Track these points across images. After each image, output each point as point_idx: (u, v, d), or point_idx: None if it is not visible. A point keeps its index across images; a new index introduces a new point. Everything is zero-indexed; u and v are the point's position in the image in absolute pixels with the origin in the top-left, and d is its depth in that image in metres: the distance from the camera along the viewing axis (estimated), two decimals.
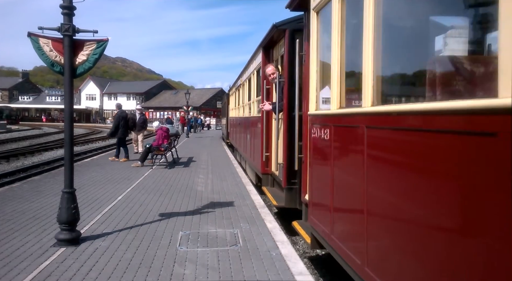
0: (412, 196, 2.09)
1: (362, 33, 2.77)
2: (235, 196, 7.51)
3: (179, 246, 4.56)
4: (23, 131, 42.15)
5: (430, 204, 1.91)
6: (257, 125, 8.50)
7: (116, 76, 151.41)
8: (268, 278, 3.66)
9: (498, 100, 1.42)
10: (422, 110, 1.99)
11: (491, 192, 1.47)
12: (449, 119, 1.77)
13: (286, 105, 6.31)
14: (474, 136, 1.57)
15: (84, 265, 3.95)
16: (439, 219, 1.84)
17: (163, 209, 6.39)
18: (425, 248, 1.95)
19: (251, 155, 9.71)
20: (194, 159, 14.13)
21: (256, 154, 8.65)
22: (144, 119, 15.07)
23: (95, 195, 7.39)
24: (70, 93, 4.63)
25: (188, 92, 35.30)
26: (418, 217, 2.04)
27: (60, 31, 4.43)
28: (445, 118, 1.80)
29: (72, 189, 4.64)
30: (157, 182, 9.01)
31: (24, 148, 21.23)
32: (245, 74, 12.15)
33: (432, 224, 1.91)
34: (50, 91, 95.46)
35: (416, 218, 2.07)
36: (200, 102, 69.46)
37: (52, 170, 12.57)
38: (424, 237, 1.98)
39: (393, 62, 2.91)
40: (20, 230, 5.15)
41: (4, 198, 7.10)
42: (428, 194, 1.93)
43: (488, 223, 1.50)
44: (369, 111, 2.70)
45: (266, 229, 5.27)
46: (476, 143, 1.56)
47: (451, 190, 1.74)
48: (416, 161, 2.07)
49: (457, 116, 1.70)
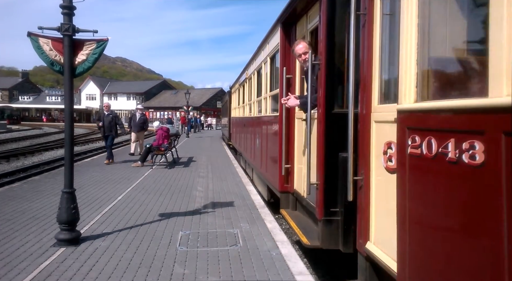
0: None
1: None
2: (235, 196, 7.51)
3: (179, 246, 4.56)
4: (23, 131, 42.17)
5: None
6: (273, 127, 6.62)
7: (116, 76, 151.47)
8: (268, 278, 3.66)
9: None
10: None
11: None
12: None
13: (323, 98, 4.17)
14: None
15: (84, 265, 3.95)
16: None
17: (163, 209, 6.39)
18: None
19: (263, 165, 7.84)
20: (194, 159, 14.13)
21: (271, 165, 6.85)
22: (144, 120, 14.52)
23: (95, 195, 7.39)
24: (70, 93, 4.62)
25: (188, 92, 35.27)
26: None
27: (60, 31, 4.44)
28: None
29: (72, 189, 4.64)
30: (157, 182, 9.01)
31: (24, 148, 21.24)
32: (252, 65, 10.21)
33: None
34: (50, 91, 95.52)
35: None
36: (200, 102, 69.44)
37: (52, 170, 12.56)
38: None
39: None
40: (20, 230, 5.15)
41: (4, 198, 7.10)
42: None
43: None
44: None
45: (266, 229, 5.27)
46: None
47: None
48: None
49: None
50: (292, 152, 5.79)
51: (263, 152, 7.81)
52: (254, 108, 9.87)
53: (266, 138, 7.41)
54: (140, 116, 14.31)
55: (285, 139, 5.83)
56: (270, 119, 7.14)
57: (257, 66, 9.11)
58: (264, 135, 7.68)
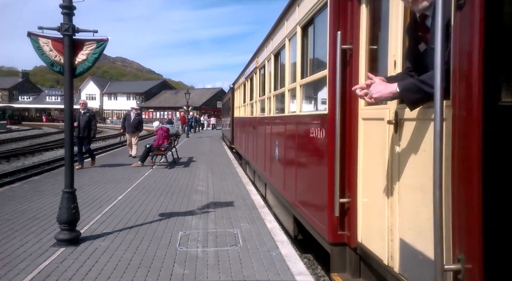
0: None
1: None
2: (235, 196, 7.51)
3: (179, 246, 4.56)
4: (23, 131, 42.14)
5: None
6: (312, 133, 4.28)
7: (116, 76, 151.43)
8: (268, 278, 3.66)
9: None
10: None
11: None
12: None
13: (479, 76, 1.76)
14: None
15: (84, 265, 3.95)
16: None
17: (163, 209, 6.39)
18: None
19: (288, 187, 5.43)
20: (194, 159, 14.12)
21: (308, 192, 4.51)
22: (139, 120, 13.66)
23: (95, 195, 7.38)
24: (70, 93, 4.62)
25: (188, 92, 35.30)
26: None
27: (60, 31, 4.44)
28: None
29: (72, 189, 4.64)
30: (157, 182, 9.01)
31: (24, 148, 21.22)
32: (266, 49, 7.76)
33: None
34: (50, 91, 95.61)
35: None
36: (200, 102, 69.42)
37: (52, 170, 12.56)
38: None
39: None
40: (20, 230, 5.15)
41: (4, 198, 7.10)
42: None
43: None
44: None
45: (266, 229, 5.27)
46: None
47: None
48: None
49: None
50: (354, 177, 3.48)
51: (289, 168, 5.40)
52: (269, 106, 7.24)
53: (296, 148, 4.99)
54: (135, 116, 13.51)
55: (339, 155, 3.48)
56: (305, 120, 4.69)
57: (274, 47, 6.69)
58: (291, 144, 5.26)
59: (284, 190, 5.69)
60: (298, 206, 4.87)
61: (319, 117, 4.04)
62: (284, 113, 5.82)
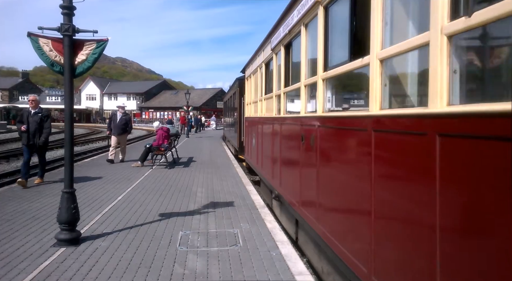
0: None
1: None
2: (235, 196, 7.51)
3: (179, 246, 4.56)
4: None
5: None
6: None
7: (116, 76, 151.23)
8: (268, 278, 3.66)
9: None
10: None
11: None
12: None
13: None
14: None
15: (84, 265, 3.95)
16: None
17: (163, 209, 6.39)
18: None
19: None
20: (194, 159, 14.13)
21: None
22: (126, 120, 12.31)
23: (95, 195, 7.39)
24: (70, 93, 4.63)
25: (188, 92, 35.25)
26: None
27: (60, 31, 4.44)
28: None
29: (72, 189, 4.65)
30: (157, 182, 9.01)
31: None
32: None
33: None
34: (50, 91, 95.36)
35: None
36: (200, 102, 69.40)
37: (52, 170, 12.56)
38: None
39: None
40: (20, 230, 5.15)
41: (4, 198, 7.10)
42: None
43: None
44: None
45: (266, 229, 5.27)
46: None
47: None
48: None
49: None
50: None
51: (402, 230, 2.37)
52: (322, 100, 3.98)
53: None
54: (122, 116, 12.27)
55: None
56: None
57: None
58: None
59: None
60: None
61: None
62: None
